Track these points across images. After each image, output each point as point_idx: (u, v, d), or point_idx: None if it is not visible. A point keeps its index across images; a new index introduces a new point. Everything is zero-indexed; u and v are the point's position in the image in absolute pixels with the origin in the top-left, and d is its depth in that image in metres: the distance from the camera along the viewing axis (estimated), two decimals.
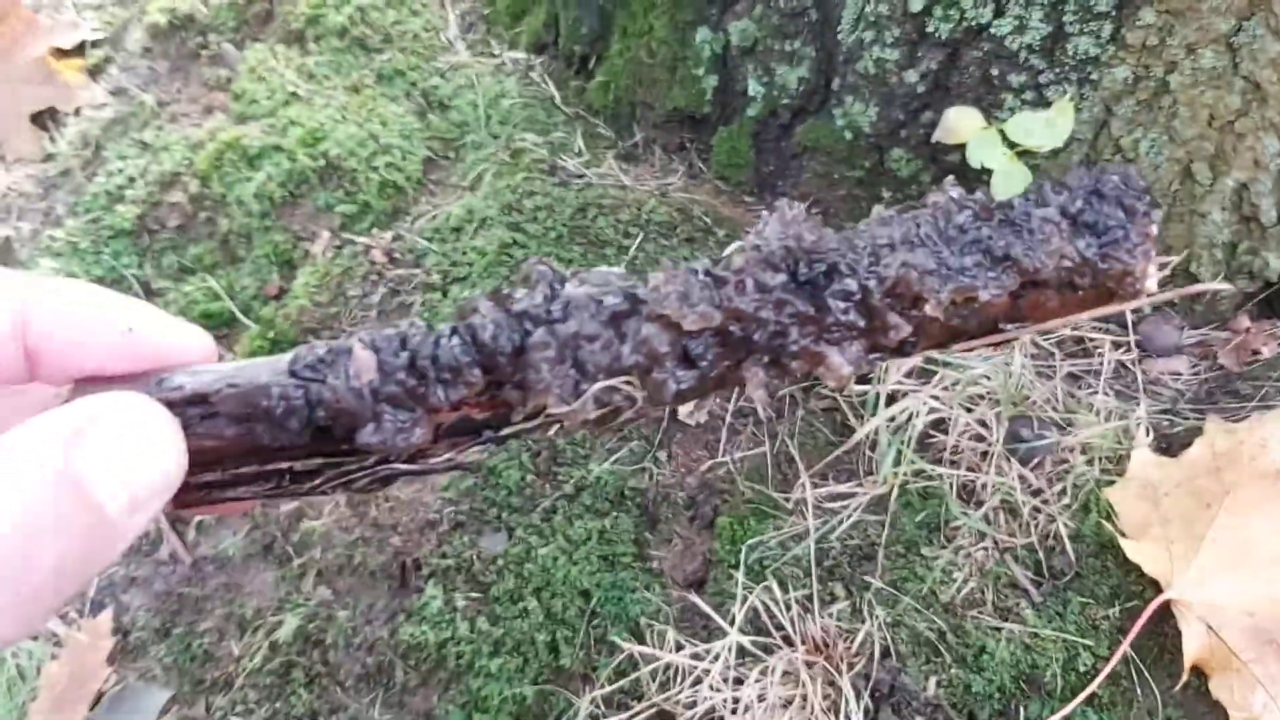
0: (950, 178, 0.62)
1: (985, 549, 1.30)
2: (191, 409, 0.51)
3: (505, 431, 0.55)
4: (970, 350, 0.63)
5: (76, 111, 1.94)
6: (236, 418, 0.51)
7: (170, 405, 0.50)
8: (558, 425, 0.54)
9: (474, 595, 1.37)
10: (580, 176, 1.73)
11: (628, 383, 0.52)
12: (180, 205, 1.78)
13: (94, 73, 1.99)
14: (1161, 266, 1.40)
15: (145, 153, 1.84)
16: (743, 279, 0.53)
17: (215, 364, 0.54)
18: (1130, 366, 1.44)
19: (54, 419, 0.43)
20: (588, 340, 0.52)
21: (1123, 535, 1.27)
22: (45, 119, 1.96)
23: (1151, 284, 0.56)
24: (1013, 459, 1.34)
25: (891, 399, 1.38)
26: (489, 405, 0.54)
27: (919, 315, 0.54)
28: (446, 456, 0.56)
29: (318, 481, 0.55)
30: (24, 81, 1.95)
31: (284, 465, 0.54)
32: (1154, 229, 0.55)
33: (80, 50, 2.01)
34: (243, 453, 0.52)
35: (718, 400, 1.45)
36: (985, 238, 0.55)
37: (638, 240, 1.59)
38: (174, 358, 0.52)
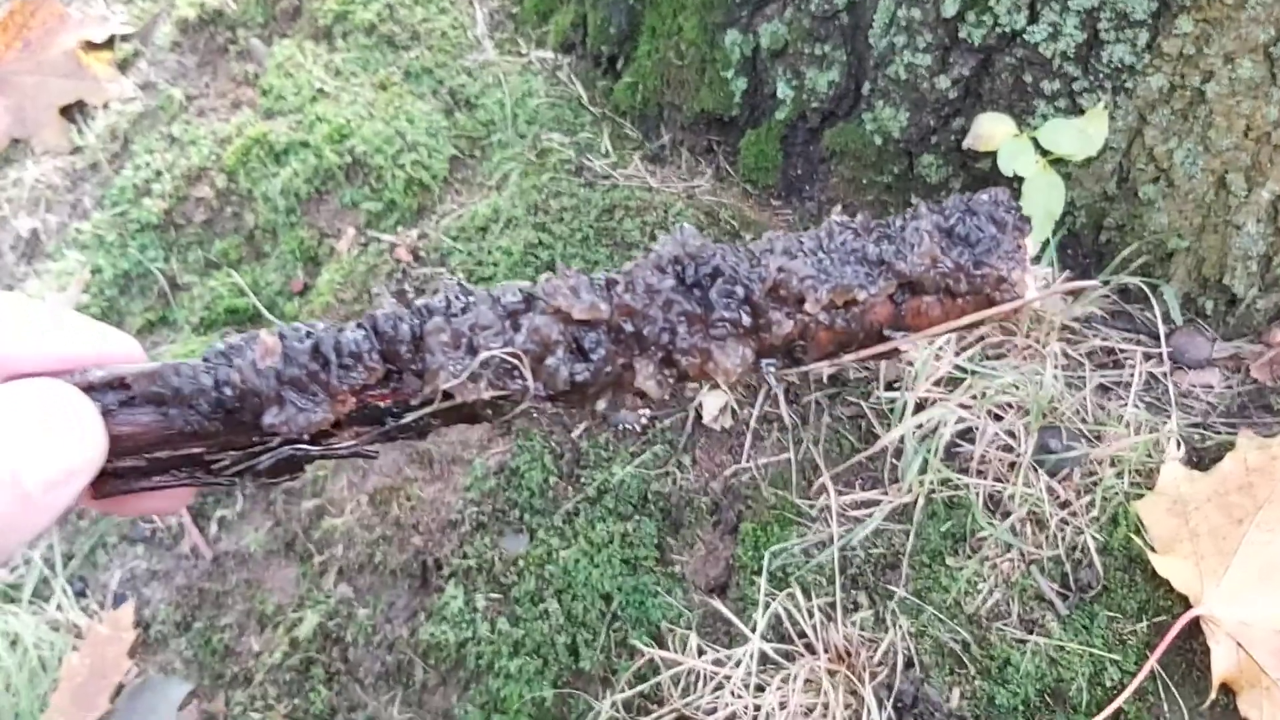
0: (838, 208, 0.70)
1: (1011, 560, 1.29)
2: (110, 394, 0.53)
3: (407, 418, 0.58)
4: (862, 362, 0.69)
5: (105, 105, 1.95)
6: (150, 398, 0.54)
7: (89, 390, 0.52)
8: (455, 408, 0.57)
9: (494, 596, 1.36)
10: (607, 177, 1.72)
11: (514, 355, 0.55)
12: (206, 200, 1.79)
13: (123, 66, 2.00)
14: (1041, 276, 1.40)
15: (172, 147, 1.85)
16: (632, 280, 0.58)
17: (137, 365, 0.57)
18: (1161, 379, 1.42)
19: None
20: (483, 329, 0.56)
21: (1151, 549, 1.26)
22: (74, 112, 1.97)
23: (1030, 291, 0.60)
24: (1041, 470, 1.33)
25: (919, 407, 1.37)
26: (391, 394, 0.57)
27: (803, 317, 0.59)
28: (351, 443, 0.58)
29: (227, 463, 0.57)
30: (54, 74, 1.96)
31: (196, 450, 0.56)
32: (1026, 241, 0.59)
33: (110, 44, 2.02)
34: (158, 440, 0.55)
35: (741, 404, 1.44)
36: (861, 248, 0.60)
37: None
38: (101, 363, 0.55)
